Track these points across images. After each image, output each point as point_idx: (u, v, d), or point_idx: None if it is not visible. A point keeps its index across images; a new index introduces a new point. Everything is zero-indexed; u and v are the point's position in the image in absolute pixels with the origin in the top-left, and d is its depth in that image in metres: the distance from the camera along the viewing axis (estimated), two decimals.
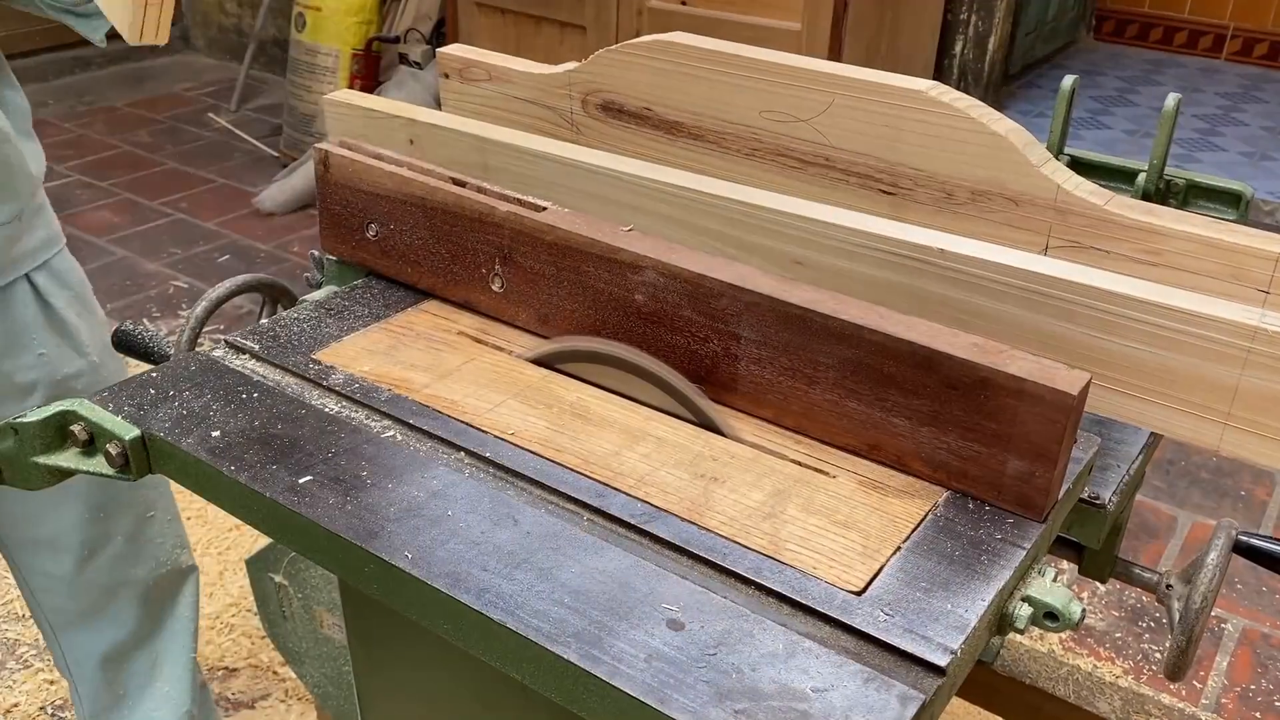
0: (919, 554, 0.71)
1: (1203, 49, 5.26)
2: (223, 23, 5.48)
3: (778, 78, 1.05)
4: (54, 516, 1.34)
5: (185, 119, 4.80)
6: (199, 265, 3.54)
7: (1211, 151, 4.12)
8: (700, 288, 0.83)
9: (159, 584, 1.46)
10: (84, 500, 1.34)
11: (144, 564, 1.43)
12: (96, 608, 1.42)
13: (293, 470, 0.77)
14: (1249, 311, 0.78)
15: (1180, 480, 2.61)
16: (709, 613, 0.66)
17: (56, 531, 1.35)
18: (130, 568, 1.41)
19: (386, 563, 0.70)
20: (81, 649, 1.45)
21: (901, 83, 1.00)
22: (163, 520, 1.45)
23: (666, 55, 1.06)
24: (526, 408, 0.85)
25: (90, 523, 1.35)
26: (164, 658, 1.50)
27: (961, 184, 1.01)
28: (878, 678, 0.62)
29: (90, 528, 1.35)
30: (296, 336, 0.95)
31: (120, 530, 1.39)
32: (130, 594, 1.43)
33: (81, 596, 1.40)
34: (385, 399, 0.86)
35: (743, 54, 1.06)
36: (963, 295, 0.86)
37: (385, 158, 1.01)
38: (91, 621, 1.42)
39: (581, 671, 0.62)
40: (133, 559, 1.41)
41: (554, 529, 0.73)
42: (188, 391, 0.86)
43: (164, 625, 1.49)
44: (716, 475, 0.78)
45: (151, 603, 1.46)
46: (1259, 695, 2.03)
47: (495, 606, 0.66)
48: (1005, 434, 0.73)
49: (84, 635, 1.44)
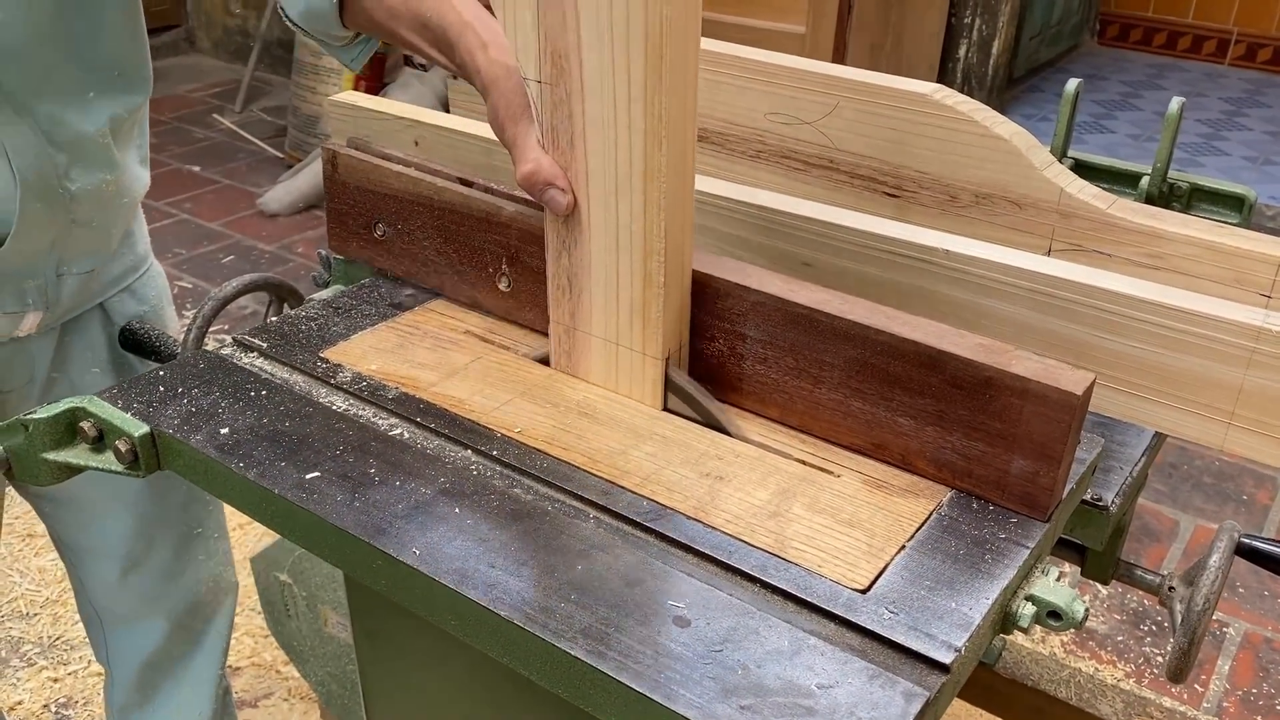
0: (923, 552, 0.72)
1: (1206, 54, 5.27)
2: (227, 24, 5.50)
3: (783, 80, 1.05)
4: (101, 525, 1.34)
5: (190, 120, 4.81)
6: (203, 266, 3.55)
7: (1215, 156, 4.12)
8: (707, 287, 0.84)
9: (201, 599, 1.46)
10: (132, 511, 1.34)
11: (187, 579, 1.43)
12: (138, 615, 1.42)
13: (301, 467, 0.78)
14: (1253, 312, 0.78)
15: (1183, 484, 2.61)
16: (715, 610, 0.67)
17: (104, 539, 1.35)
18: (173, 581, 1.41)
19: (394, 559, 0.70)
20: (122, 648, 1.45)
21: (906, 86, 1.00)
22: (210, 538, 1.44)
23: None
24: (533, 406, 0.86)
25: (136, 535, 1.35)
26: (194, 666, 1.50)
27: (965, 187, 1.01)
28: (882, 675, 0.62)
29: (135, 540, 1.35)
30: (304, 335, 0.95)
31: (165, 544, 1.39)
32: (171, 606, 1.43)
33: (124, 602, 1.41)
34: (393, 397, 0.87)
35: (747, 56, 1.07)
36: (968, 296, 0.87)
37: (393, 158, 1.01)
38: (133, 625, 1.43)
39: (588, 667, 0.62)
40: (177, 574, 1.41)
41: (561, 526, 0.73)
42: (196, 389, 0.86)
43: (199, 638, 1.50)
44: (722, 474, 0.79)
45: (191, 616, 1.46)
46: (1260, 699, 2.03)
47: (503, 603, 0.66)
48: (1010, 433, 0.73)
49: (126, 637, 1.44)
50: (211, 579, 1.47)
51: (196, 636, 1.49)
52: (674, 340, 0.85)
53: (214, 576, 1.47)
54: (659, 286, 0.81)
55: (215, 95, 5.12)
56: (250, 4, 5.29)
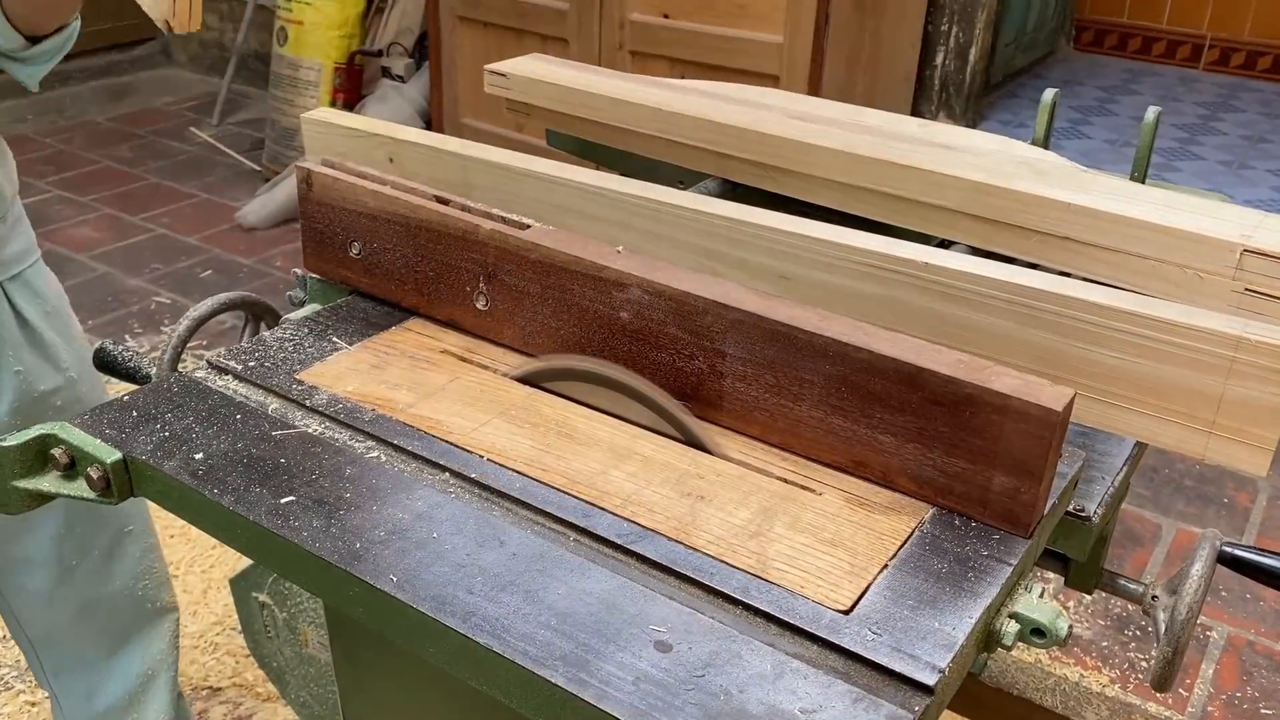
0: (906, 571, 0.71)
1: (1181, 59, 5.31)
2: (204, 37, 5.47)
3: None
4: (29, 533, 1.33)
5: (167, 134, 4.78)
6: (181, 281, 3.52)
7: (1191, 160, 4.15)
8: (685, 305, 0.83)
9: (138, 604, 1.45)
10: (58, 516, 1.33)
11: (120, 579, 1.42)
12: (74, 623, 1.41)
13: (276, 492, 0.77)
14: (1232, 321, 0.78)
15: (1165, 488, 2.62)
16: (697, 634, 0.66)
17: (32, 548, 1.34)
18: (106, 583, 1.40)
19: (371, 585, 0.69)
20: (59, 662, 1.44)
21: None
22: (140, 535, 1.44)
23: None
24: (512, 427, 0.85)
25: (65, 538, 1.34)
26: (145, 679, 1.49)
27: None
28: (866, 698, 0.62)
29: (65, 543, 1.34)
30: (279, 357, 0.94)
31: (97, 546, 1.38)
32: (108, 609, 1.42)
33: (59, 612, 1.39)
34: (369, 419, 0.85)
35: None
36: (948, 308, 0.86)
37: (368, 176, 1.00)
38: (69, 637, 1.42)
39: (569, 695, 0.62)
40: (109, 575, 1.41)
41: (540, 550, 0.72)
42: (170, 414, 0.85)
43: (143, 648, 1.48)
44: (703, 493, 0.78)
45: (130, 621, 1.45)
46: (1245, 703, 2.04)
47: (481, 630, 0.65)
48: (991, 450, 0.73)
49: (62, 650, 1.43)
50: (149, 585, 1.46)
51: (138, 644, 1.47)
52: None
53: (151, 578, 1.46)
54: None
55: (192, 108, 5.09)
56: (226, 16, 5.27)
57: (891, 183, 1.04)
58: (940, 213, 1.03)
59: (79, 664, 1.44)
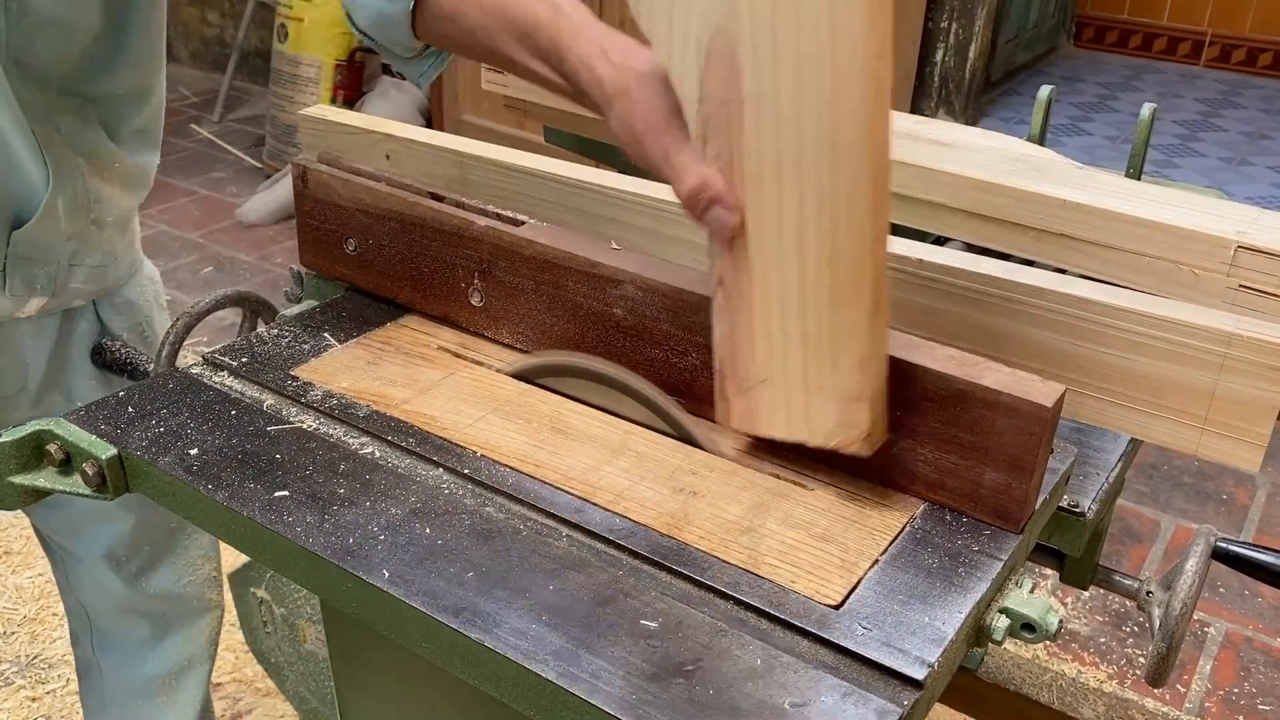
0: (897, 566, 0.71)
1: (1181, 55, 5.30)
2: (205, 34, 5.47)
3: None
4: (104, 526, 1.34)
5: (168, 130, 4.75)
6: (182, 277, 3.52)
7: (1191, 157, 4.14)
8: (679, 302, 0.83)
9: (190, 599, 1.47)
10: (129, 514, 1.34)
11: (183, 575, 1.44)
12: (125, 614, 1.42)
13: (270, 487, 0.77)
14: (1225, 317, 0.79)
15: (1163, 484, 2.62)
16: (687, 628, 0.66)
17: (107, 542, 1.35)
18: (170, 579, 1.42)
19: (364, 581, 0.69)
20: (107, 639, 1.45)
21: None
22: (192, 531, 1.45)
23: None
24: (506, 423, 0.85)
25: (138, 530, 1.35)
26: (184, 665, 1.51)
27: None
28: (855, 692, 0.62)
29: (137, 535, 1.36)
30: (275, 353, 0.94)
31: (165, 543, 1.40)
32: (169, 601, 1.44)
33: (122, 600, 1.41)
34: (364, 415, 0.86)
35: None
36: (941, 304, 0.86)
37: (363, 172, 1.00)
38: (123, 621, 1.43)
39: (560, 690, 0.62)
40: (175, 571, 1.42)
41: (533, 545, 0.73)
42: (165, 409, 0.85)
43: (187, 637, 1.50)
44: (695, 489, 0.78)
45: (181, 612, 1.47)
46: (1242, 698, 2.04)
47: (473, 625, 0.66)
48: (982, 446, 0.73)
49: (116, 629, 1.44)
50: (198, 584, 1.47)
51: (179, 641, 1.49)
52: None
53: (200, 577, 1.47)
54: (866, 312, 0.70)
55: (193, 105, 5.09)
56: (227, 13, 5.27)
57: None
58: (936, 209, 1.03)
59: (127, 643, 1.46)
